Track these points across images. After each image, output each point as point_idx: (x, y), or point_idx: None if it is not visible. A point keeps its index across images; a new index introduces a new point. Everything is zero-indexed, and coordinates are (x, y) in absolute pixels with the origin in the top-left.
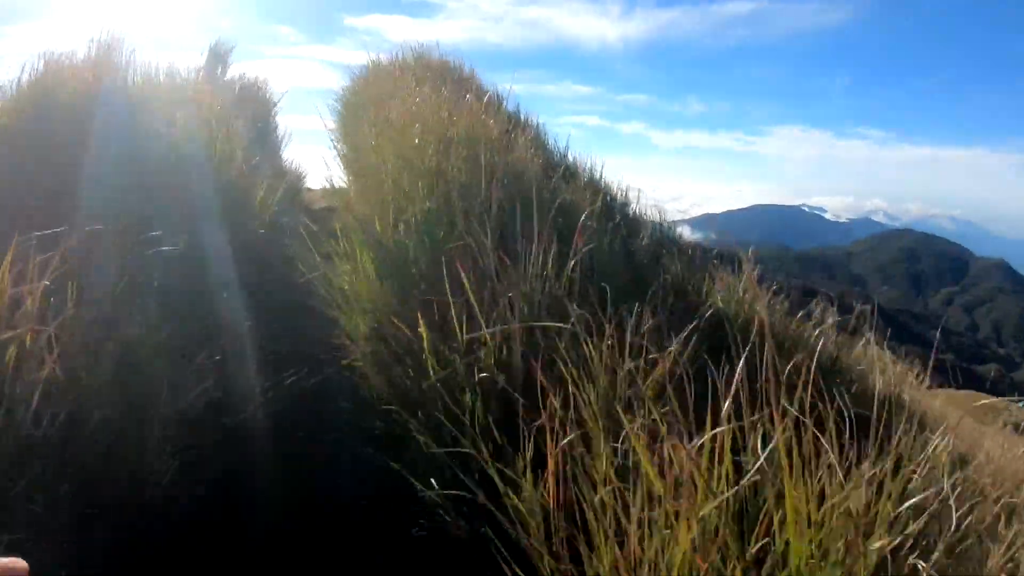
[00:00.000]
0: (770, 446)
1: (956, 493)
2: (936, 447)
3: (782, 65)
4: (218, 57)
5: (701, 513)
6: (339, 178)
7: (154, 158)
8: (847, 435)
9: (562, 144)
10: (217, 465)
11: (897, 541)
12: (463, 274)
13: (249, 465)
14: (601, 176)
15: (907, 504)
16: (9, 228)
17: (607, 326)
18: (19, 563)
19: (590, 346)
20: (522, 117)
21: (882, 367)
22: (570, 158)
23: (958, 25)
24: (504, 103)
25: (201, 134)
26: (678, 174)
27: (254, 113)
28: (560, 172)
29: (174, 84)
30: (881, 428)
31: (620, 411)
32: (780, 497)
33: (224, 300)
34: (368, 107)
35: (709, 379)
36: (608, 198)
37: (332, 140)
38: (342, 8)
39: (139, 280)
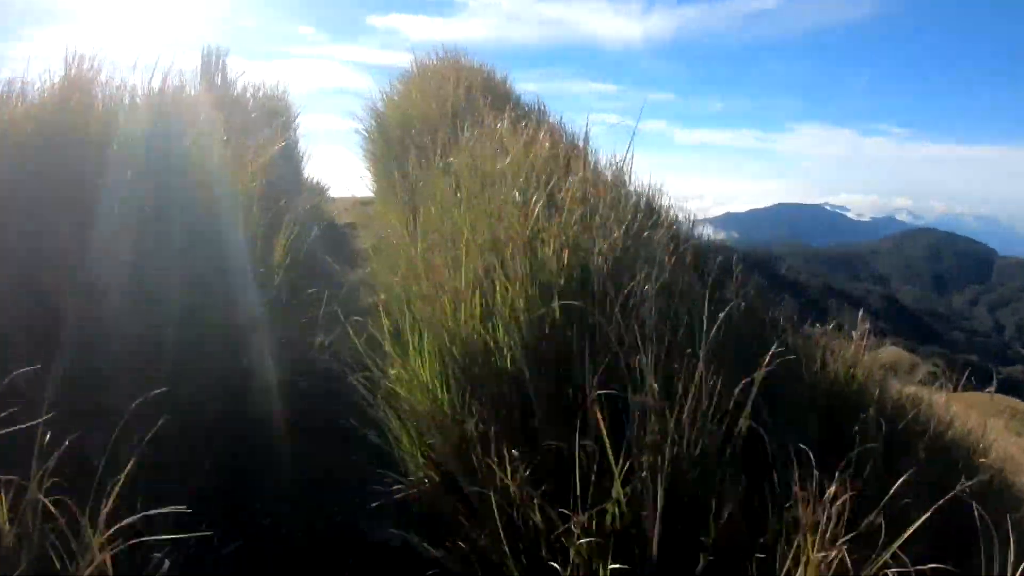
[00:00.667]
0: None
1: None
2: None
3: (803, 62)
4: (220, 65)
5: None
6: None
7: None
8: None
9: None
10: None
11: None
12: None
13: None
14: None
15: None
16: None
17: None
18: None
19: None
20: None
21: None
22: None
23: (982, 20)
24: (547, 114)
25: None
26: (700, 172)
27: (275, 132)
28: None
29: (180, 103)
30: None
31: None
32: None
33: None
34: (414, 130)
35: None
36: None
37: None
38: (364, 7)
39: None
